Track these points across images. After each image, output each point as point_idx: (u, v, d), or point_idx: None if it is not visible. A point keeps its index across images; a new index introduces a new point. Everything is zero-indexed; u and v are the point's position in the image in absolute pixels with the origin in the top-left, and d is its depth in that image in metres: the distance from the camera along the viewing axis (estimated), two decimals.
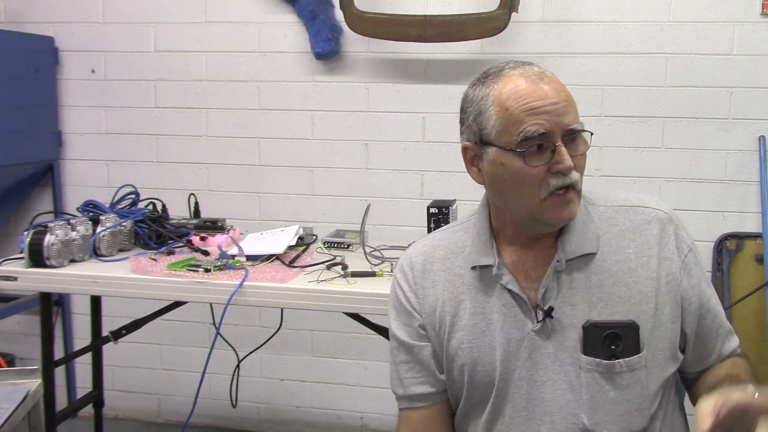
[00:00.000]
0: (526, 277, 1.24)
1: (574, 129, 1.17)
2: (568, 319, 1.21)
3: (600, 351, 1.18)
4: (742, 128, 2.75)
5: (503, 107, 1.18)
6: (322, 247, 2.32)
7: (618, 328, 1.18)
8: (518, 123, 1.16)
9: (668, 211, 1.27)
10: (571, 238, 1.23)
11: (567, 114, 1.16)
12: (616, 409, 1.19)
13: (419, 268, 1.32)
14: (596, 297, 1.21)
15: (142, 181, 2.70)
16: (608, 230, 1.25)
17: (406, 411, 1.33)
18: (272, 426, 3.24)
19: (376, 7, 2.85)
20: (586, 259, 1.22)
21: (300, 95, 3.04)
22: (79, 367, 3.28)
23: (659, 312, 1.21)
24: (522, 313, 1.23)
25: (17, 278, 2.02)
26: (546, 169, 1.16)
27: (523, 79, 1.18)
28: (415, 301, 1.31)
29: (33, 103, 3.11)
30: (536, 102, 1.16)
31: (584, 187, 1.30)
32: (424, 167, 2.98)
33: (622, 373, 1.18)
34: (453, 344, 1.27)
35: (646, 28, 2.77)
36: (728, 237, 2.77)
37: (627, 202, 1.28)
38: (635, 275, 1.21)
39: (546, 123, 1.15)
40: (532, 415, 1.22)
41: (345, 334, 3.07)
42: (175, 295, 2.00)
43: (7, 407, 1.33)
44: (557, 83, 1.19)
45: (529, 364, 1.22)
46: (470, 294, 1.27)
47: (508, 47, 2.80)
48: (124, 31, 3.14)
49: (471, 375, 1.25)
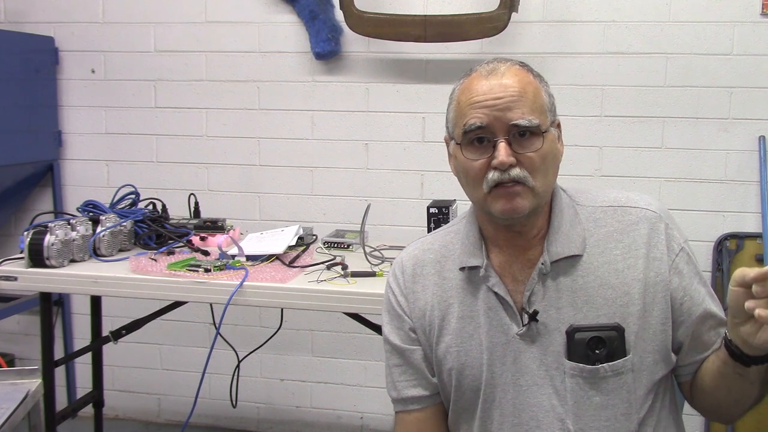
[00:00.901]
0: (513, 279, 1.23)
1: (518, 124, 1.15)
2: (554, 322, 1.19)
3: (584, 356, 1.17)
4: (742, 128, 2.75)
5: (457, 101, 1.22)
6: (322, 247, 2.32)
7: (601, 331, 1.16)
8: (463, 116, 1.19)
9: (658, 210, 1.24)
10: (556, 240, 1.21)
11: (512, 109, 1.15)
12: (602, 414, 1.17)
13: (410, 272, 1.32)
14: (581, 300, 1.19)
15: (142, 181, 2.71)
16: (596, 231, 1.23)
17: (401, 414, 1.33)
18: (272, 426, 3.24)
19: (376, 7, 2.85)
20: (572, 261, 1.20)
21: (300, 95, 3.03)
22: (79, 367, 3.28)
23: (647, 314, 1.19)
24: (507, 316, 1.22)
25: (17, 278, 2.02)
26: (487, 163, 1.16)
27: (478, 74, 1.20)
28: (406, 304, 1.31)
29: (33, 103, 3.11)
30: (479, 96, 1.17)
31: (574, 187, 1.30)
32: (424, 167, 2.98)
33: (606, 378, 1.17)
34: (442, 348, 1.27)
35: (646, 28, 2.77)
36: (728, 237, 2.77)
37: (615, 202, 1.26)
38: (621, 276, 1.19)
39: (484, 117, 1.15)
40: (519, 420, 1.21)
41: (345, 334, 3.07)
42: (175, 295, 2.00)
43: (7, 407, 1.33)
44: (511, 78, 1.17)
45: (514, 369, 1.21)
46: (458, 297, 1.26)
47: (508, 47, 2.80)
48: (124, 31, 3.14)
49: (458, 379, 1.25)
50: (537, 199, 1.18)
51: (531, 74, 1.21)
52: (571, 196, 1.27)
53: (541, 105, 1.19)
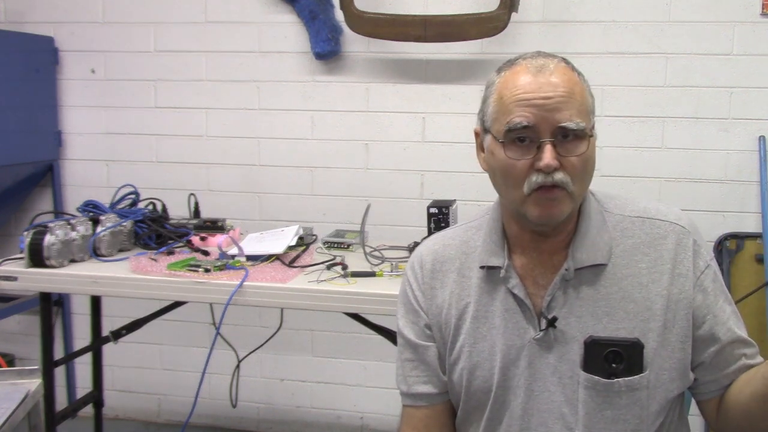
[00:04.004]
0: (534, 282, 1.20)
1: (565, 127, 1.10)
2: (572, 330, 1.17)
3: (600, 368, 1.14)
4: (742, 128, 2.75)
5: (500, 95, 1.16)
6: (322, 247, 2.32)
7: (621, 346, 1.13)
8: (507, 113, 1.13)
9: (687, 225, 1.21)
10: (582, 245, 1.18)
11: (561, 110, 1.10)
12: (612, 428, 1.15)
13: (429, 268, 1.30)
14: (602, 311, 1.16)
15: (142, 181, 2.70)
16: (622, 242, 1.20)
17: (409, 408, 1.32)
18: (272, 426, 3.24)
19: (376, 7, 2.85)
20: (596, 270, 1.18)
21: (300, 95, 3.03)
22: (79, 367, 3.28)
23: (667, 331, 1.16)
24: (525, 319, 1.20)
25: (17, 278, 2.03)
26: (530, 164, 1.12)
27: (524, 69, 1.15)
28: (423, 300, 1.29)
29: (33, 103, 3.11)
30: (527, 94, 1.12)
31: (604, 192, 1.27)
32: (424, 167, 2.97)
33: (621, 393, 1.14)
34: (456, 347, 1.25)
35: (646, 28, 2.77)
36: (728, 237, 2.77)
37: (645, 213, 1.22)
38: (645, 291, 1.16)
39: (531, 116, 1.10)
40: (528, 425, 1.20)
41: (345, 334, 3.07)
42: (175, 295, 2.00)
43: (7, 407, 1.32)
44: (560, 77, 1.13)
45: (528, 373, 1.19)
46: (476, 296, 1.24)
47: (508, 47, 2.80)
48: (124, 31, 3.14)
49: (469, 379, 1.23)
50: (574, 204, 1.15)
51: (576, 73, 1.17)
52: (599, 201, 1.24)
53: (586, 107, 1.15)
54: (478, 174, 2.80)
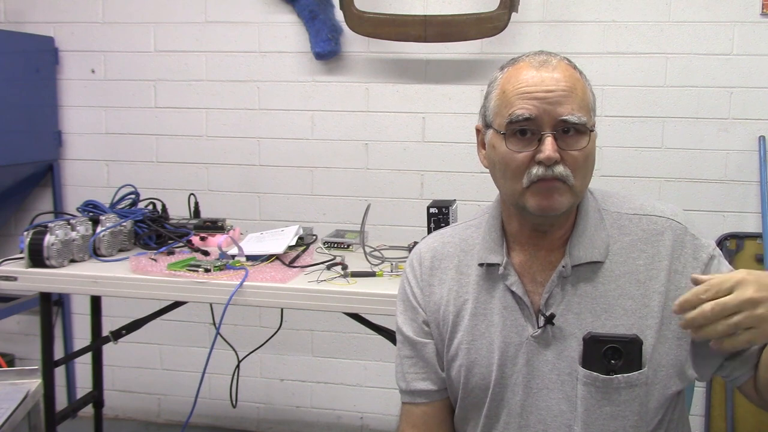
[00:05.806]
0: (532, 280, 1.21)
1: (567, 120, 1.12)
2: (570, 327, 1.18)
3: (599, 365, 1.14)
4: (742, 128, 2.75)
5: (502, 89, 1.18)
6: (322, 247, 2.32)
7: (620, 342, 1.14)
8: (509, 105, 1.15)
9: (684, 221, 1.22)
10: (580, 243, 1.19)
11: (562, 104, 1.12)
12: (611, 424, 1.16)
13: (427, 265, 1.31)
14: (600, 308, 1.17)
15: (142, 181, 2.71)
16: (620, 239, 1.21)
17: (408, 405, 1.32)
18: (272, 426, 3.24)
19: (376, 7, 2.85)
20: (593, 268, 1.19)
21: (300, 95, 3.04)
22: (79, 367, 3.28)
23: (664, 327, 1.16)
24: (523, 317, 1.20)
25: (17, 278, 2.02)
26: (531, 156, 1.13)
27: (527, 64, 1.17)
28: (421, 297, 1.30)
29: (33, 103, 3.11)
30: (530, 87, 1.14)
31: (601, 190, 1.27)
32: (424, 167, 2.98)
33: (619, 389, 1.15)
34: (454, 344, 1.26)
35: (646, 28, 2.77)
36: (728, 237, 2.77)
37: (641, 210, 1.23)
38: (643, 288, 1.17)
39: (533, 108, 1.12)
40: (526, 422, 1.20)
41: (345, 334, 3.07)
42: (175, 295, 2.00)
43: (7, 407, 1.32)
44: (562, 72, 1.15)
45: (526, 371, 1.20)
46: (474, 293, 1.25)
47: (508, 47, 2.81)
48: (124, 31, 3.14)
49: (467, 376, 1.24)
50: (574, 198, 1.16)
51: (578, 71, 1.19)
52: (597, 199, 1.25)
53: (588, 104, 1.17)
54: (478, 174, 2.83)
